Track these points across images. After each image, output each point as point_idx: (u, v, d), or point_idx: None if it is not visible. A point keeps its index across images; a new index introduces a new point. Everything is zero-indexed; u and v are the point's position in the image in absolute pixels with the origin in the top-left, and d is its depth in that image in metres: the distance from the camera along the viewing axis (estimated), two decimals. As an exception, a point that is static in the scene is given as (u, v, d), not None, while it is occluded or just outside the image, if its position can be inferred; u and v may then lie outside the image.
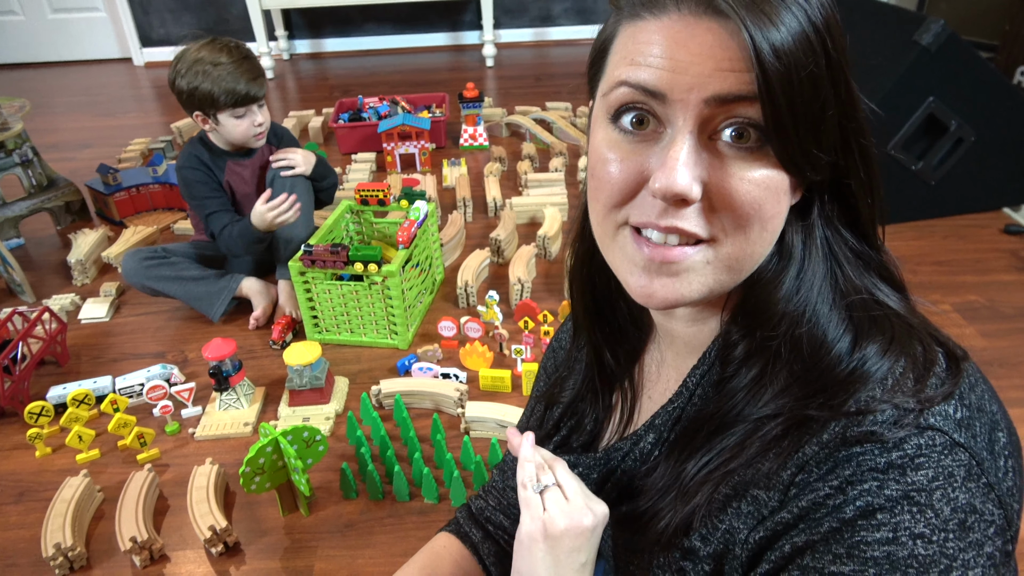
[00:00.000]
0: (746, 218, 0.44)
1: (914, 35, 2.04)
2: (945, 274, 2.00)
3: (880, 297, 0.49)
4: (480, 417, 1.50)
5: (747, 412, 0.48)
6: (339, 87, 3.81)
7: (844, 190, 0.48)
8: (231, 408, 1.61)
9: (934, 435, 0.42)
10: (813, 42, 0.41)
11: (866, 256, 0.50)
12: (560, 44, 4.37)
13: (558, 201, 2.35)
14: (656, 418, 0.56)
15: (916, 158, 2.15)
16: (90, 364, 1.81)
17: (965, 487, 0.41)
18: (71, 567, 1.27)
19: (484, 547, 0.75)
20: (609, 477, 0.59)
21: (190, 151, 1.88)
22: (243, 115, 1.81)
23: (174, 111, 3.51)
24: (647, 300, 0.48)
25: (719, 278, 0.47)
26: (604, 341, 0.63)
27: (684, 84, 0.42)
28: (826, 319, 0.47)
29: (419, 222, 1.82)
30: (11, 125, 2.30)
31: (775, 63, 0.40)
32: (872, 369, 0.45)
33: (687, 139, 0.43)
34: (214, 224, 1.87)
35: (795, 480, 0.44)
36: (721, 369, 0.52)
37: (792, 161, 0.43)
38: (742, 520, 0.47)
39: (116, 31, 4.36)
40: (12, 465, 1.51)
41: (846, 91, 0.44)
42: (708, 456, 0.49)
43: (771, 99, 0.40)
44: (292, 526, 1.34)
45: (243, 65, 1.78)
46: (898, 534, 0.40)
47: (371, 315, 1.77)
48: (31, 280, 2.09)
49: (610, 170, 0.46)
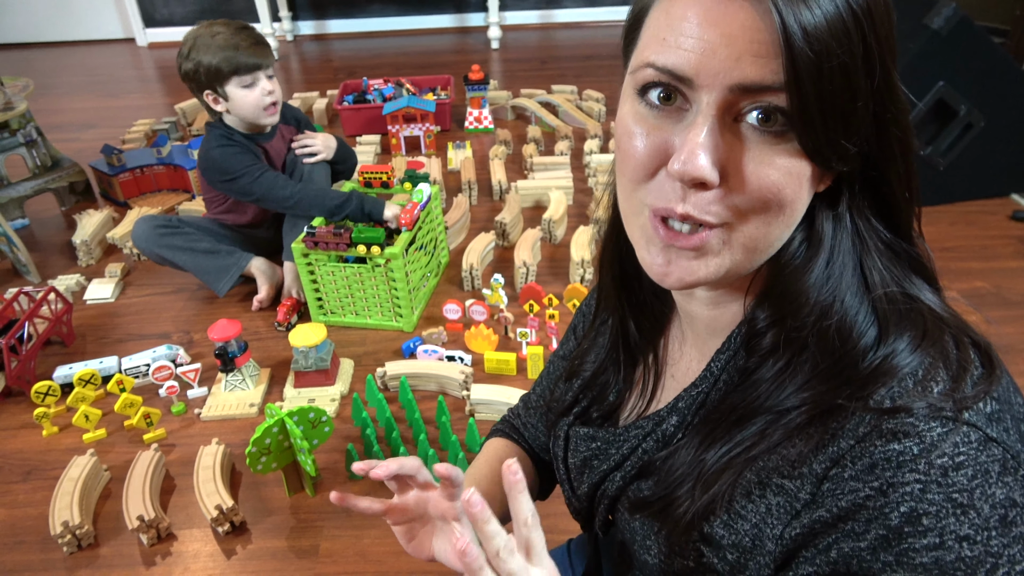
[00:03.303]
0: (765, 203, 0.44)
1: (924, 18, 2.02)
2: (952, 260, 1.99)
3: (912, 291, 0.48)
4: (485, 399, 1.50)
5: (770, 404, 0.48)
6: (343, 69, 3.79)
7: (877, 180, 0.47)
8: (237, 389, 1.61)
9: (968, 431, 0.41)
10: (850, 27, 0.40)
11: (898, 248, 0.48)
12: (566, 27, 4.33)
13: (563, 184, 2.34)
14: (679, 400, 0.56)
15: (925, 143, 2.14)
16: (96, 344, 1.82)
17: (1002, 482, 0.41)
18: (79, 545, 1.28)
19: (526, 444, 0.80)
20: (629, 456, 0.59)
21: (214, 132, 1.85)
22: (250, 84, 1.79)
23: (178, 92, 3.50)
24: (662, 279, 0.48)
25: (736, 259, 0.46)
26: (629, 311, 0.63)
27: (711, 69, 0.41)
28: (855, 311, 0.46)
29: (422, 204, 1.82)
30: (15, 105, 2.29)
31: (805, 49, 0.39)
32: (901, 363, 0.44)
33: (709, 121, 0.42)
34: (273, 184, 1.80)
35: (828, 474, 0.43)
36: (747, 358, 0.51)
37: (817, 150, 0.42)
38: (773, 514, 0.46)
39: (119, 11, 4.33)
40: (19, 444, 1.52)
41: (884, 80, 0.43)
42: (728, 445, 0.49)
43: (798, 88, 0.40)
44: (298, 506, 1.35)
45: (241, 33, 1.77)
46: (944, 538, 0.40)
47: (375, 297, 1.77)
48: (36, 261, 2.10)
49: (635, 144, 0.46)
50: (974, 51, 2.04)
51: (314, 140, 1.91)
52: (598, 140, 2.64)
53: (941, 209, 2.23)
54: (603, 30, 4.24)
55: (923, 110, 2.08)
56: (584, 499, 0.64)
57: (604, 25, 4.30)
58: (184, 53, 1.76)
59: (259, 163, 1.84)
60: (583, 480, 0.64)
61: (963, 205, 2.24)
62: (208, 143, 1.84)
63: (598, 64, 3.65)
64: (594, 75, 3.45)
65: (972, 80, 2.08)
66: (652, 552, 0.55)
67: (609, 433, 0.62)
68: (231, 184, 1.83)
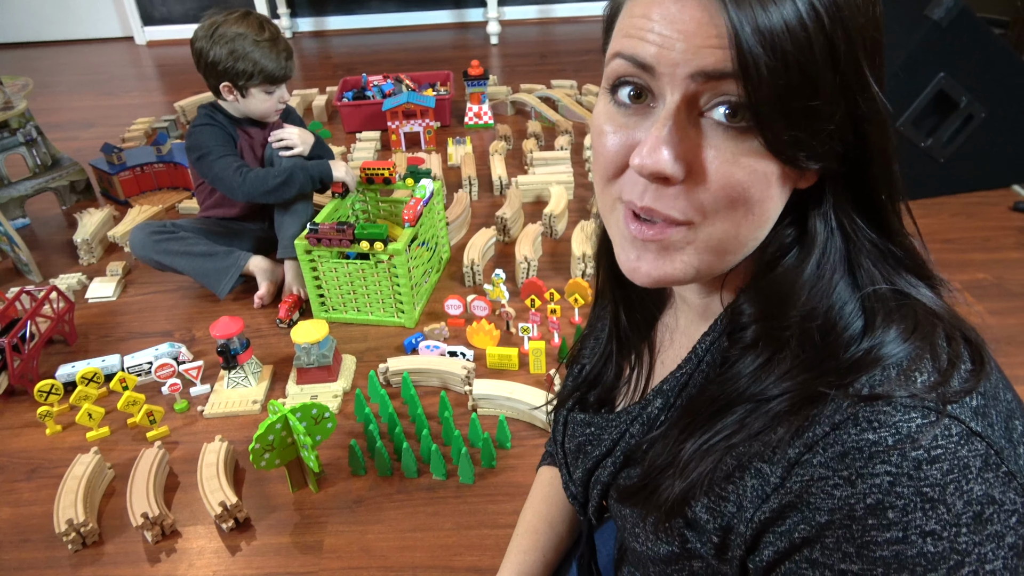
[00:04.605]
0: (731, 201, 0.43)
1: (925, 9, 2.01)
2: (953, 252, 1.99)
3: (902, 286, 0.47)
4: (487, 394, 1.51)
5: (750, 393, 0.48)
6: (343, 65, 3.79)
7: (857, 180, 0.47)
8: (239, 386, 1.61)
9: (951, 424, 0.41)
10: (810, 28, 0.39)
11: (883, 248, 0.48)
12: (565, 21, 4.33)
13: (564, 179, 2.34)
14: (664, 383, 0.56)
15: (925, 135, 2.13)
16: (98, 343, 1.82)
17: (981, 478, 0.40)
18: (83, 542, 1.28)
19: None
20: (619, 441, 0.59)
21: (205, 113, 1.89)
22: (272, 92, 1.85)
23: (177, 90, 3.50)
24: (632, 275, 0.49)
25: (704, 259, 0.47)
26: (623, 302, 0.64)
27: (671, 59, 0.42)
28: (842, 308, 0.46)
29: (425, 200, 1.82)
30: (15, 104, 2.29)
31: (754, 45, 0.39)
32: (887, 353, 0.44)
33: (672, 115, 0.43)
34: (227, 166, 1.81)
35: (800, 459, 0.43)
36: (728, 344, 0.51)
37: (777, 146, 0.42)
38: (748, 496, 0.46)
39: (118, 9, 4.33)
40: (23, 443, 1.53)
41: (855, 77, 0.42)
42: (708, 434, 0.49)
43: (747, 79, 0.40)
44: (302, 502, 1.35)
45: (280, 44, 1.81)
46: (908, 533, 0.39)
47: (377, 293, 1.77)
48: (37, 260, 2.10)
49: (604, 141, 0.47)
50: (975, 42, 2.04)
51: (291, 134, 1.91)
52: (598, 135, 2.64)
53: (942, 200, 2.22)
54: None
55: (924, 101, 2.07)
56: (579, 484, 0.65)
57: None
58: (218, 41, 1.76)
59: (226, 148, 1.86)
60: (578, 466, 0.65)
61: (964, 196, 2.24)
62: (195, 122, 1.89)
63: (597, 59, 3.60)
64: (593, 70, 3.44)
65: (973, 71, 2.08)
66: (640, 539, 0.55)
67: (603, 419, 0.63)
68: (198, 163, 1.86)
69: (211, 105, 1.91)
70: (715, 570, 0.50)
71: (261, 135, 1.94)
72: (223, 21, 1.77)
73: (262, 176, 1.81)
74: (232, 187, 1.82)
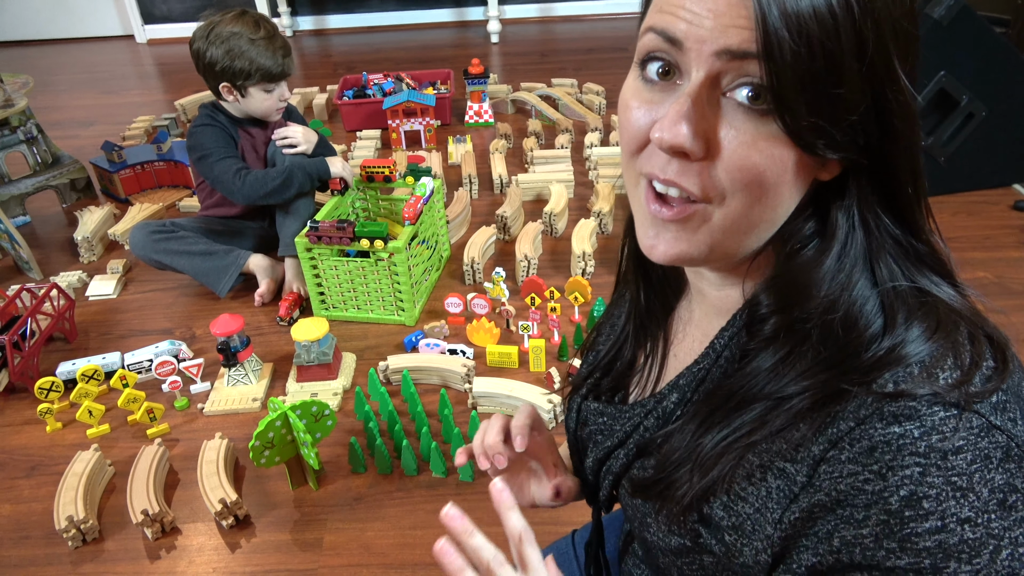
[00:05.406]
0: (745, 182, 0.44)
1: (926, 8, 2.01)
2: (954, 251, 1.92)
3: (923, 284, 0.47)
4: (487, 392, 1.51)
5: (769, 390, 0.48)
6: (343, 64, 3.79)
7: (882, 174, 0.46)
8: (239, 384, 1.61)
9: (971, 417, 0.41)
10: (839, 17, 0.39)
11: (906, 244, 0.48)
12: (566, 20, 4.32)
13: (564, 178, 2.34)
14: (680, 378, 0.56)
15: (926, 134, 2.13)
16: (98, 340, 1.82)
17: (1003, 468, 0.41)
18: (84, 539, 1.28)
19: None
20: (632, 433, 0.59)
21: (206, 113, 1.89)
22: (271, 90, 1.84)
23: (178, 88, 3.50)
24: (650, 252, 0.49)
25: (718, 239, 0.47)
26: (643, 286, 0.64)
27: (699, 35, 0.42)
28: (863, 304, 0.46)
29: (425, 198, 1.82)
30: (15, 102, 2.29)
31: (780, 27, 0.39)
32: (910, 352, 0.44)
33: (696, 92, 0.43)
34: (227, 169, 1.81)
35: (826, 456, 0.43)
36: (747, 338, 0.51)
37: (796, 132, 0.42)
38: (773, 497, 0.46)
39: (118, 8, 4.33)
40: (23, 440, 1.53)
41: (886, 72, 0.42)
42: (727, 430, 0.49)
43: (770, 61, 0.40)
44: (302, 499, 1.35)
45: (277, 42, 1.81)
46: (946, 521, 0.40)
47: (378, 291, 1.77)
48: (38, 258, 2.10)
49: (628, 116, 0.47)
50: (975, 41, 2.04)
51: (295, 132, 1.91)
52: (598, 133, 2.64)
53: (943, 199, 2.22)
54: (603, 23, 4.23)
55: (924, 100, 2.07)
56: (590, 473, 0.65)
57: (604, 18, 4.29)
58: (214, 42, 1.76)
59: (227, 149, 1.86)
60: (589, 455, 0.65)
61: (965, 195, 2.24)
62: (195, 122, 1.89)
63: (598, 57, 3.64)
64: (594, 68, 3.44)
65: (973, 70, 2.08)
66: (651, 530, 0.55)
67: (616, 409, 0.62)
68: (199, 163, 1.86)
69: (212, 104, 1.91)
70: (725, 566, 0.50)
71: (263, 135, 1.94)
72: (219, 21, 1.77)
73: (261, 178, 1.82)
74: (232, 190, 1.82)
